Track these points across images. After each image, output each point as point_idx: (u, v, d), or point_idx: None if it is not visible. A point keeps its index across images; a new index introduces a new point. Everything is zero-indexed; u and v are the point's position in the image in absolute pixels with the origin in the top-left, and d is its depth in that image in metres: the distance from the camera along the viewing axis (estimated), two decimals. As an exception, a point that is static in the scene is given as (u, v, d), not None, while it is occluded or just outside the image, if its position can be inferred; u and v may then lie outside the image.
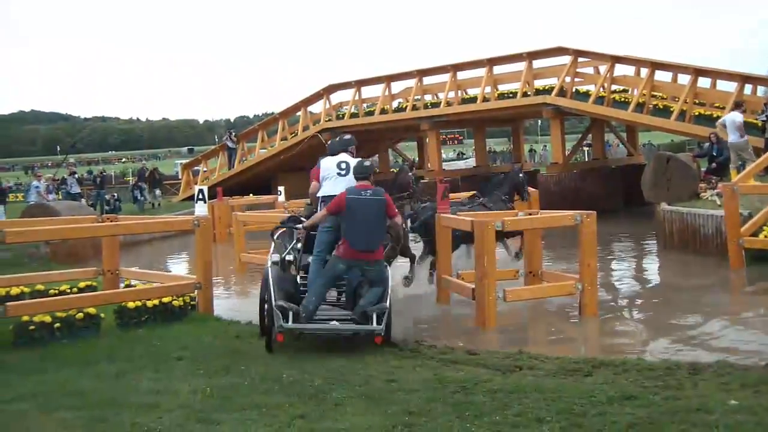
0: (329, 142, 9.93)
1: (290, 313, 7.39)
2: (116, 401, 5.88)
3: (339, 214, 7.86)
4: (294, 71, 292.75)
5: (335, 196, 8.05)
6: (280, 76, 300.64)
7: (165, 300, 9.21)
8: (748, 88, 18.99)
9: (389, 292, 7.81)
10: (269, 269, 7.95)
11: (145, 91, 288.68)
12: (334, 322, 7.66)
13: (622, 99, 20.71)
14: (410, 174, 12.25)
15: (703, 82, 19.90)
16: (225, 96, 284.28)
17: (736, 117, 16.05)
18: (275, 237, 8.73)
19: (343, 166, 8.64)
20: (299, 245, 8.48)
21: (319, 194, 8.64)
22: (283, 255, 8.23)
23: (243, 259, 15.36)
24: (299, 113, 29.00)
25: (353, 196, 7.82)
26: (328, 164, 8.75)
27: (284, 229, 8.70)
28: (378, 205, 7.84)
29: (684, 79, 19.92)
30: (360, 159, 8.66)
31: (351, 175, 8.38)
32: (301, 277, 8.36)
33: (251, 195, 24.99)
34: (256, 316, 8.41)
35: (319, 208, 8.52)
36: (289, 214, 9.57)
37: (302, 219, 8.73)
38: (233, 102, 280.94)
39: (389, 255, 9.35)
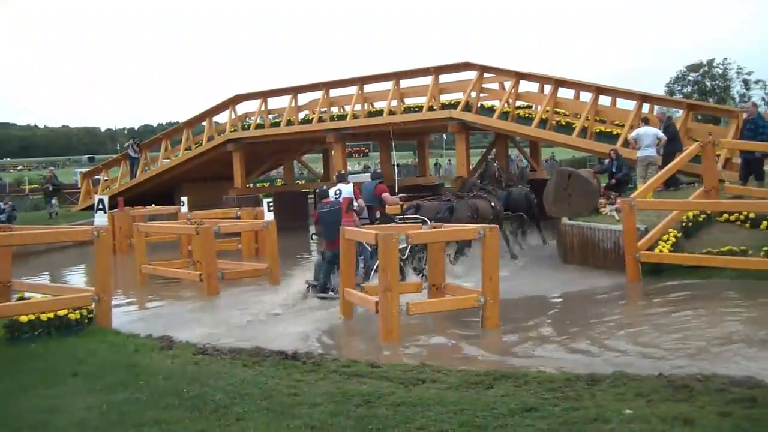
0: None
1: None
2: (3, 422, 5.63)
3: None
4: (199, 81, 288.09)
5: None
6: (185, 85, 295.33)
7: (60, 313, 8.90)
8: (645, 107, 19.71)
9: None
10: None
11: (43, 97, 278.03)
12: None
13: (526, 115, 21.19)
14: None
15: (604, 100, 20.51)
16: (128, 104, 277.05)
17: (655, 131, 16.48)
18: None
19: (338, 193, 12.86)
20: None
21: None
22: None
23: (144, 271, 15.01)
24: (204, 123, 28.52)
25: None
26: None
27: None
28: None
29: (586, 96, 20.49)
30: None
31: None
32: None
33: (153, 205, 24.48)
34: (157, 328, 8.24)
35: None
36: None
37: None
38: (136, 110, 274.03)
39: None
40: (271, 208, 14.87)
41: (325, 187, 13.60)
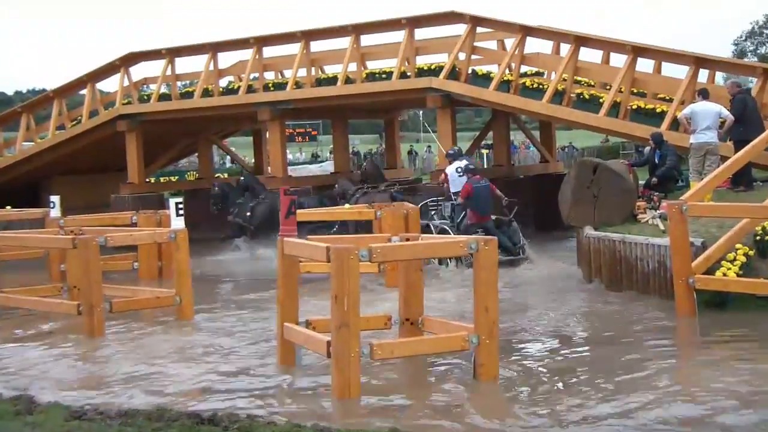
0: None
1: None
2: None
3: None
4: (77, 30, 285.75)
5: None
6: (56, 37, 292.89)
7: None
8: (703, 74, 19.76)
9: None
10: None
11: None
12: None
13: (535, 85, 21.27)
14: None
15: (644, 65, 20.67)
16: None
17: (717, 107, 16.50)
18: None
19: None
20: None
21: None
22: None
23: (-4, 301, 14.76)
24: (84, 92, 28.24)
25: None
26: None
27: None
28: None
29: (618, 60, 20.63)
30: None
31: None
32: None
33: (8, 207, 24.13)
34: (11, 384, 8.07)
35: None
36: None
37: None
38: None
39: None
40: (182, 212, 14.72)
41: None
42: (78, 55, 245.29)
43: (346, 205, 20.19)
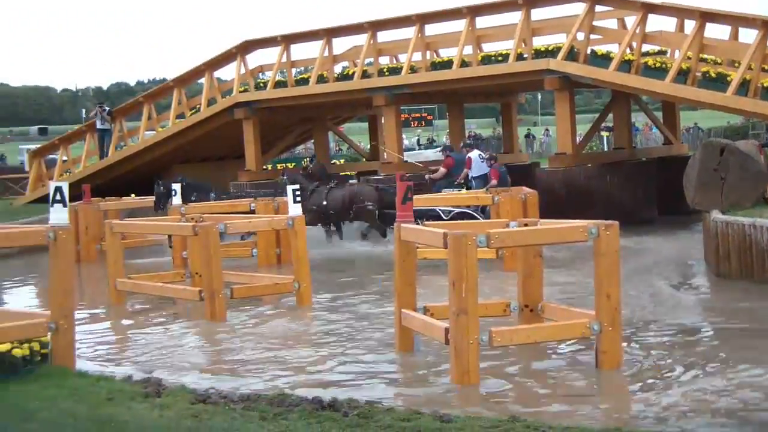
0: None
1: None
2: None
3: None
4: (193, 22, 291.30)
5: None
6: (174, 28, 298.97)
7: (2, 348, 9.03)
8: None
9: None
10: None
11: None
12: None
13: (658, 64, 20.92)
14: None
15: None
16: (94, 55, 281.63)
17: None
18: None
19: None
20: None
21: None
22: None
23: (120, 288, 15.18)
24: (202, 80, 28.77)
25: None
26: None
27: None
28: None
29: (749, 35, 20.12)
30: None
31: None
32: None
33: (133, 195, 24.75)
34: (138, 367, 8.31)
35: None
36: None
37: None
38: (106, 64, 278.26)
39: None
40: (299, 199, 14.91)
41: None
42: (196, 43, 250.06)
43: (444, 192, 20.49)
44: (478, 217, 18.50)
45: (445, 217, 19.14)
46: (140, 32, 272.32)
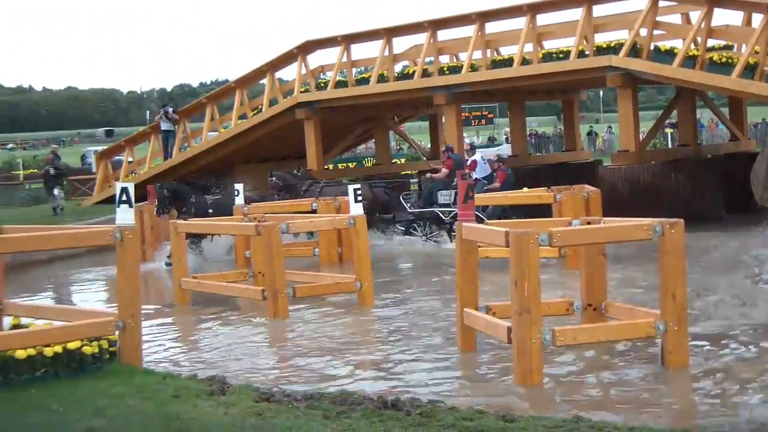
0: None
1: None
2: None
3: None
4: (255, 24, 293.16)
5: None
6: (236, 30, 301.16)
7: (71, 346, 9.15)
8: None
9: None
10: None
11: (41, 50, 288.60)
12: None
13: (724, 60, 20.68)
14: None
15: None
16: (159, 58, 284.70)
17: None
18: None
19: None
20: None
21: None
22: None
23: (184, 287, 15.35)
24: (264, 81, 28.96)
25: None
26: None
27: None
28: None
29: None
30: None
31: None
32: None
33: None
34: (203, 365, 8.39)
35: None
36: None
37: None
38: (170, 66, 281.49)
39: None
40: (360, 198, 14.97)
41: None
42: (257, 45, 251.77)
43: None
44: (482, 217, 19.14)
45: (444, 218, 20.42)
46: (203, 35, 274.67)
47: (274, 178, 23.26)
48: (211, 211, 20.09)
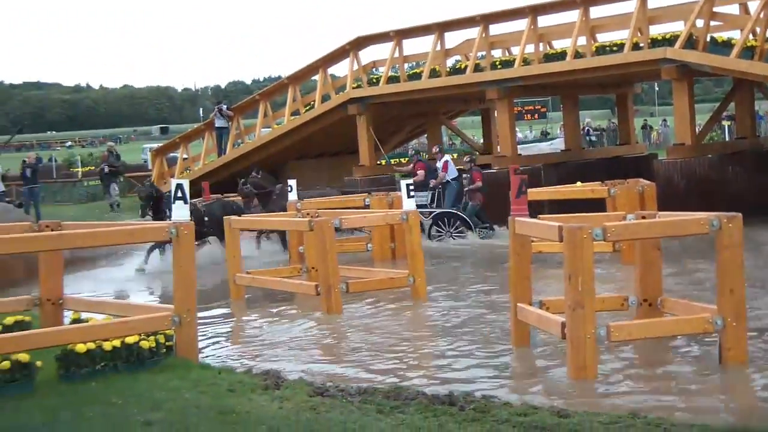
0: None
1: None
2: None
3: None
4: (310, 19, 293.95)
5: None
6: (288, 27, 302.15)
7: (129, 340, 9.25)
8: None
9: None
10: None
11: (98, 49, 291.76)
12: None
13: (783, 50, 20.41)
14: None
15: None
16: (212, 55, 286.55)
17: None
18: None
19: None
20: None
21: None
22: None
23: (239, 282, 15.45)
24: (316, 77, 29.07)
25: None
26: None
27: None
28: None
29: None
30: None
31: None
32: None
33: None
34: (257, 360, 8.45)
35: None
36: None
37: None
38: (224, 63, 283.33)
39: None
40: (413, 194, 14.98)
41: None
42: (310, 41, 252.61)
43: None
44: (463, 215, 20.87)
45: (424, 218, 20.59)
46: (256, 28, 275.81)
47: (247, 186, 22.53)
48: (206, 219, 19.67)
